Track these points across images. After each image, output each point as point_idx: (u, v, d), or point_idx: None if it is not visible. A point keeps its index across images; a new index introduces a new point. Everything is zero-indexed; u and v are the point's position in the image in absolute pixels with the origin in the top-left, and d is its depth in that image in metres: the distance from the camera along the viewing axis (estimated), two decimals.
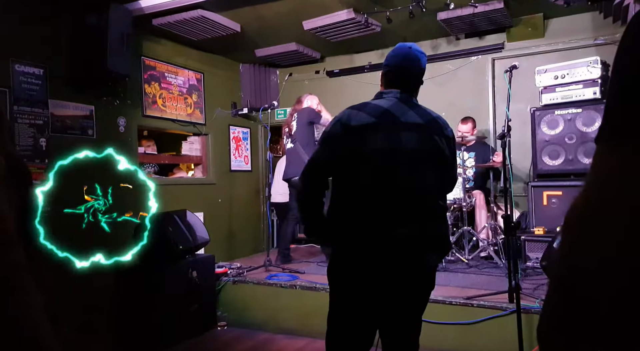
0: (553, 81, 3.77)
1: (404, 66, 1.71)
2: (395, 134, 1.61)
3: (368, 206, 1.59)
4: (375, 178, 1.59)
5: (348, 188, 1.64)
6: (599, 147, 0.55)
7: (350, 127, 1.62)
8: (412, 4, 3.59)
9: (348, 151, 1.61)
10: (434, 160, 1.66)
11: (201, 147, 4.86)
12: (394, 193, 1.59)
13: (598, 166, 0.54)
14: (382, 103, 1.67)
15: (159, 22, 3.78)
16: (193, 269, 3.52)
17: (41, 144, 3.22)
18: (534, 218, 3.73)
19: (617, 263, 0.50)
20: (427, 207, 1.63)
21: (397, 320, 1.73)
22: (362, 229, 1.59)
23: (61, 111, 3.37)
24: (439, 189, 1.71)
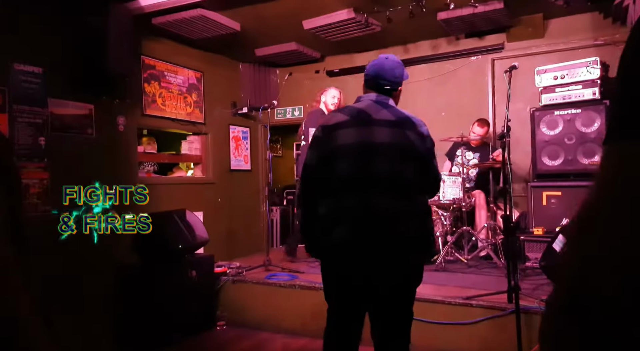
0: (553, 81, 3.78)
1: (379, 73, 1.89)
2: (368, 129, 1.76)
3: (340, 197, 1.73)
4: (350, 168, 1.73)
5: (328, 181, 1.77)
6: (606, 148, 0.55)
7: (328, 126, 1.82)
8: (412, 4, 3.59)
9: (328, 148, 1.78)
10: (407, 154, 1.76)
11: (201, 147, 4.86)
12: (368, 183, 1.71)
13: (605, 167, 0.54)
14: (358, 105, 1.87)
15: (159, 21, 3.78)
16: (192, 269, 3.52)
17: (40, 143, 3.21)
18: (533, 218, 3.73)
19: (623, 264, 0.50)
20: (403, 197, 1.73)
21: (380, 314, 1.81)
22: (341, 221, 1.71)
23: (60, 110, 3.36)
24: (417, 184, 1.79)
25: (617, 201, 0.52)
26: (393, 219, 1.70)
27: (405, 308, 1.83)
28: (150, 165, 4.98)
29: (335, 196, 1.74)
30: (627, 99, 0.54)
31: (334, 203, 1.74)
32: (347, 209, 1.70)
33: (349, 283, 1.76)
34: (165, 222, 3.39)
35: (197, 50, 4.65)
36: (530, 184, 3.79)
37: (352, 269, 1.73)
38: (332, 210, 1.74)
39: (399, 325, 1.83)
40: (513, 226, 2.54)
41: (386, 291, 1.75)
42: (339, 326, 1.84)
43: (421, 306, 2.95)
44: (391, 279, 1.75)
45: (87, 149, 3.49)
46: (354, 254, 1.70)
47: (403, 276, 1.77)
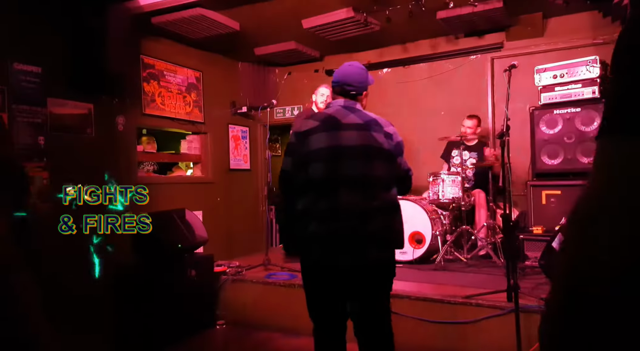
0: (552, 80, 3.78)
1: (345, 80, 2.03)
2: (337, 134, 1.90)
3: (313, 198, 1.88)
4: (322, 171, 1.88)
5: (303, 184, 1.92)
6: (599, 143, 0.55)
7: (300, 133, 1.97)
8: (411, 3, 3.58)
9: (301, 153, 1.94)
10: (375, 154, 1.90)
11: (200, 146, 4.85)
12: (338, 184, 1.86)
13: (598, 162, 0.54)
14: (328, 111, 2.01)
15: (158, 20, 3.78)
16: (192, 268, 3.52)
17: (39, 142, 3.21)
18: (532, 217, 3.73)
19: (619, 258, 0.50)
20: (369, 195, 1.86)
21: (354, 307, 1.94)
22: (313, 220, 1.87)
23: (60, 109, 3.36)
24: (385, 182, 1.92)
25: (612, 196, 0.52)
26: (360, 216, 1.83)
27: (376, 301, 1.94)
28: (150, 164, 4.98)
29: (310, 197, 1.89)
30: (620, 94, 0.54)
31: (309, 203, 1.89)
32: (320, 208, 1.85)
33: (323, 274, 1.91)
34: (165, 222, 3.39)
35: (197, 50, 4.64)
36: (529, 183, 3.79)
37: (324, 261, 1.88)
38: (307, 209, 1.89)
39: (374, 319, 1.94)
40: (512, 225, 2.54)
41: (356, 284, 1.89)
42: (320, 322, 1.98)
43: (420, 305, 2.96)
44: (359, 272, 1.87)
45: (86, 149, 3.48)
46: (325, 247, 1.85)
47: (370, 269, 1.88)
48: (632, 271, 0.48)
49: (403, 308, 2.93)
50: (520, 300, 2.55)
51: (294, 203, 1.96)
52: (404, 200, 4.01)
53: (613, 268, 0.50)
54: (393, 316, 2.07)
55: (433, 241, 3.88)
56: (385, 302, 1.97)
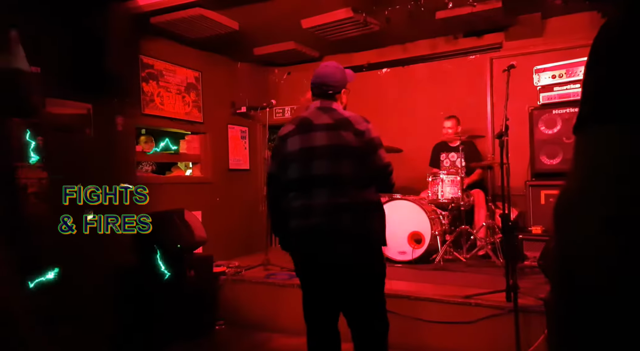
0: (551, 80, 3.78)
1: (322, 80, 2.08)
2: (309, 135, 1.99)
3: (293, 197, 2.00)
4: (296, 172, 1.98)
5: (285, 185, 2.04)
6: (580, 135, 0.56)
7: (280, 137, 2.10)
8: (410, 3, 3.58)
9: (281, 156, 2.06)
10: (343, 153, 1.94)
11: (199, 146, 4.85)
12: (311, 183, 1.95)
13: (581, 151, 0.55)
14: (304, 113, 2.10)
15: (158, 20, 3.77)
16: (191, 269, 3.52)
17: (38, 143, 3.20)
18: (532, 217, 3.74)
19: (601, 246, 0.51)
20: (339, 193, 1.92)
21: (343, 306, 2.02)
22: (292, 218, 1.99)
23: (58, 109, 3.35)
24: (358, 179, 1.95)
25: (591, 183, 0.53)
26: (329, 214, 1.90)
27: (361, 298, 1.98)
28: (149, 164, 4.98)
29: (289, 196, 2.01)
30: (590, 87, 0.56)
31: (288, 202, 2.01)
32: (296, 206, 1.97)
33: (309, 269, 2.03)
34: (164, 222, 3.39)
35: (196, 50, 4.64)
36: (528, 183, 3.79)
37: (305, 256, 2.00)
38: (287, 208, 2.02)
39: (361, 317, 1.98)
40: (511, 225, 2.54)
41: (337, 280, 1.96)
42: (311, 320, 2.07)
43: (420, 305, 2.97)
44: (337, 268, 1.93)
45: (85, 149, 3.48)
46: (303, 243, 1.97)
47: (347, 266, 1.93)
48: (617, 259, 0.49)
49: (402, 308, 2.93)
50: (519, 299, 2.55)
51: (279, 204, 2.09)
52: (403, 200, 4.01)
53: (598, 258, 0.51)
54: (392, 316, 2.08)
55: (432, 241, 3.88)
56: (373, 300, 1.99)
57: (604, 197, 0.51)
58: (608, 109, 0.52)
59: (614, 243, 0.50)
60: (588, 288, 0.52)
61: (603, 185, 0.51)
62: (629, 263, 0.48)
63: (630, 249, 0.48)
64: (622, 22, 0.54)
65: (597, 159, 0.53)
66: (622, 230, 0.49)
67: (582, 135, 0.56)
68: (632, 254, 0.48)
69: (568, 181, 0.56)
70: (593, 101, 0.56)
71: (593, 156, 0.54)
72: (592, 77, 0.56)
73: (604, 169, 0.51)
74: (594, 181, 0.52)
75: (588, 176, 0.54)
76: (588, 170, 0.54)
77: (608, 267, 0.50)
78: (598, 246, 0.51)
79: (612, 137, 0.51)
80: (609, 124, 0.52)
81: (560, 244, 0.57)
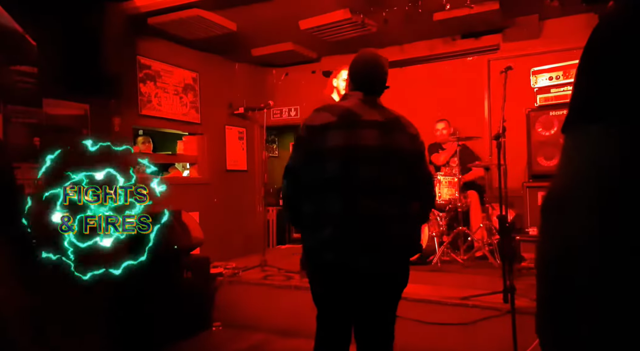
0: (548, 81, 3.79)
1: (367, 70, 1.83)
2: (356, 131, 1.70)
3: (329, 200, 1.69)
4: (337, 171, 1.68)
5: (315, 183, 1.72)
6: (569, 134, 0.56)
7: (313, 127, 1.74)
8: (408, 5, 3.59)
9: (314, 150, 1.71)
10: (395, 156, 1.73)
11: (197, 147, 4.84)
12: (356, 186, 1.68)
13: (569, 150, 0.56)
14: (344, 103, 1.80)
15: (155, 21, 3.77)
16: (188, 270, 3.51)
17: (35, 143, 3.19)
18: (529, 218, 3.74)
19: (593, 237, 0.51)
20: (389, 201, 1.70)
21: (365, 315, 1.82)
22: (329, 224, 1.68)
23: (55, 110, 3.35)
24: (407, 186, 1.75)
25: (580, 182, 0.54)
26: (378, 222, 1.68)
27: (388, 309, 1.85)
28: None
29: (322, 199, 1.70)
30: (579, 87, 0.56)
31: (321, 205, 1.70)
32: (335, 212, 1.67)
33: (337, 279, 1.73)
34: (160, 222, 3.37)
35: (193, 50, 4.63)
36: (525, 184, 3.80)
37: (341, 266, 1.71)
38: (320, 212, 1.70)
39: (381, 326, 1.84)
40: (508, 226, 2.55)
41: (372, 290, 1.76)
42: (328, 332, 1.83)
43: (417, 306, 2.96)
44: (376, 279, 1.75)
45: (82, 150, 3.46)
46: (342, 252, 1.68)
47: (386, 276, 1.77)
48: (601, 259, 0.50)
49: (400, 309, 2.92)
50: (516, 301, 2.55)
51: (300, 203, 1.77)
52: None
53: (583, 258, 0.51)
54: None
55: (430, 243, 3.88)
56: (394, 313, 1.89)
57: (590, 198, 0.51)
58: (595, 109, 0.53)
59: (599, 243, 0.50)
60: (574, 289, 0.52)
61: (589, 185, 0.52)
62: (613, 263, 0.49)
63: (615, 249, 0.48)
64: (613, 23, 0.55)
65: (583, 160, 0.53)
66: (606, 230, 0.49)
67: (569, 134, 0.57)
68: (617, 255, 0.48)
69: (555, 180, 0.57)
70: (581, 101, 0.56)
71: (580, 156, 0.54)
72: (582, 78, 0.57)
73: (591, 169, 0.52)
74: (580, 181, 0.53)
75: (574, 176, 0.54)
76: (574, 170, 0.54)
77: (593, 267, 0.50)
78: (583, 246, 0.51)
79: (599, 137, 0.52)
80: (596, 124, 0.52)
81: (545, 244, 0.57)
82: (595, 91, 0.53)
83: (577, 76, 0.57)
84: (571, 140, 0.56)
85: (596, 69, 0.54)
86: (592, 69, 0.55)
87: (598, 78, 0.53)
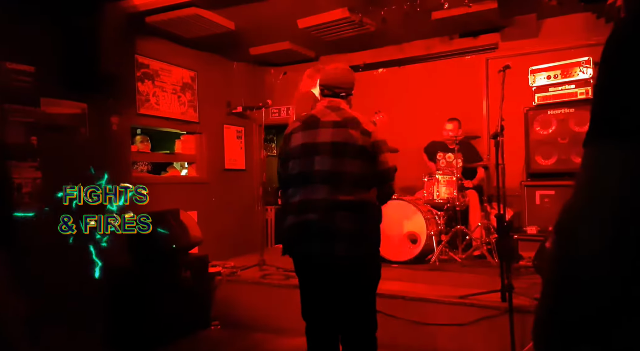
0: (546, 80, 3.80)
1: (332, 82, 2.10)
2: (314, 131, 1.97)
3: (291, 193, 1.98)
4: (297, 167, 1.97)
5: (286, 180, 2.04)
6: (585, 150, 0.55)
7: (286, 135, 2.10)
8: (406, 4, 3.59)
9: (285, 153, 2.06)
10: (348, 150, 1.92)
11: (195, 146, 4.83)
12: (311, 179, 1.92)
13: (587, 166, 0.54)
14: (312, 111, 2.09)
15: (153, 19, 3.76)
16: (186, 269, 3.51)
17: (32, 142, 3.18)
18: (527, 217, 3.75)
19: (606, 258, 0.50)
20: (342, 192, 1.89)
21: (336, 304, 1.98)
22: (289, 214, 1.97)
23: (53, 109, 3.33)
24: (360, 178, 1.92)
25: (596, 202, 0.52)
26: (328, 210, 1.87)
27: (353, 298, 1.96)
28: (144, 164, 4.96)
29: (289, 192, 2.00)
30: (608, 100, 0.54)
31: (287, 198, 2.00)
32: (294, 202, 1.94)
33: (303, 266, 2.02)
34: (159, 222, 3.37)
35: (191, 49, 4.62)
36: (524, 183, 3.81)
37: (298, 251, 1.98)
38: (285, 204, 2.01)
39: (352, 316, 1.97)
40: (506, 225, 2.55)
41: (330, 277, 1.94)
42: (309, 318, 2.07)
43: (415, 305, 2.97)
44: (331, 266, 1.92)
45: (80, 148, 3.46)
46: (296, 237, 1.94)
47: (341, 264, 1.91)
48: (616, 271, 0.49)
49: (397, 308, 2.93)
50: (514, 299, 2.56)
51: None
52: (399, 200, 4.02)
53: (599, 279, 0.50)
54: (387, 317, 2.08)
55: (428, 241, 3.88)
56: (363, 302, 1.97)
57: (609, 216, 0.50)
58: (617, 126, 0.51)
59: (616, 264, 0.49)
60: (587, 305, 0.51)
61: (607, 204, 0.50)
62: (630, 286, 0.48)
63: (626, 273, 0.48)
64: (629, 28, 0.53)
65: (603, 177, 0.52)
66: (624, 251, 0.48)
67: (590, 150, 0.55)
68: (628, 279, 0.47)
69: (573, 195, 0.55)
70: (602, 116, 0.55)
71: (599, 174, 0.53)
72: (601, 89, 0.55)
73: (609, 188, 0.51)
74: (598, 200, 0.52)
75: (593, 194, 0.53)
76: (593, 188, 0.53)
77: (609, 288, 0.49)
78: (599, 267, 0.50)
79: (620, 155, 0.50)
80: (618, 141, 0.51)
81: (560, 260, 0.56)
82: (615, 105, 0.52)
83: (596, 85, 0.55)
84: (591, 155, 0.55)
85: (614, 80, 0.52)
86: (609, 80, 0.53)
87: (617, 91, 0.52)
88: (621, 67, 0.52)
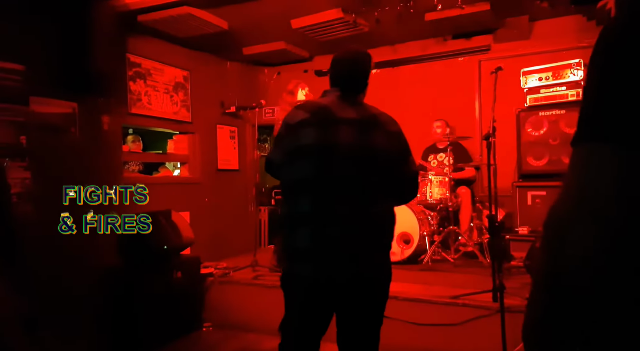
0: (538, 82, 3.83)
1: (346, 67, 1.79)
2: (330, 130, 1.63)
3: (303, 200, 1.62)
4: (310, 170, 1.61)
5: (291, 183, 1.68)
6: (573, 151, 0.55)
7: (290, 125, 1.68)
8: (400, 5, 3.60)
9: (290, 149, 1.66)
10: (374, 156, 1.65)
11: (188, 146, 4.81)
12: (329, 185, 1.61)
13: (575, 166, 0.55)
14: (321, 100, 1.73)
15: (145, 18, 3.73)
16: (178, 270, 3.48)
17: (21, 142, 3.14)
18: (518, 218, 3.78)
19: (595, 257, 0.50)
20: (366, 202, 1.62)
21: (351, 324, 1.73)
22: (299, 223, 1.63)
23: (43, 108, 3.29)
24: (385, 186, 1.67)
25: (583, 203, 0.53)
26: (353, 224, 1.60)
27: (379, 309, 1.75)
28: (136, 164, 4.92)
29: (296, 199, 1.65)
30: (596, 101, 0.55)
31: (294, 206, 1.65)
32: (308, 211, 1.61)
33: (312, 287, 1.64)
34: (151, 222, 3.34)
35: (184, 49, 4.60)
36: (515, 184, 3.83)
37: (315, 275, 1.62)
38: (292, 214, 1.66)
39: (368, 329, 1.74)
40: (498, 225, 2.57)
41: (358, 293, 1.66)
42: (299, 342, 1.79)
43: (407, 305, 2.97)
44: (360, 281, 1.65)
45: (70, 148, 3.42)
46: (318, 265, 1.61)
47: (372, 276, 1.68)
48: (603, 272, 0.49)
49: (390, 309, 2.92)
50: (505, 299, 2.57)
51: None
52: None
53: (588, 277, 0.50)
54: None
55: (421, 242, 3.90)
56: (379, 320, 1.78)
57: (596, 218, 0.50)
58: (604, 128, 0.52)
59: (596, 263, 0.49)
60: (577, 306, 0.51)
61: (595, 205, 0.51)
62: (618, 283, 0.48)
63: (621, 270, 0.48)
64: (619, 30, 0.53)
65: (591, 179, 0.52)
66: (613, 250, 0.48)
67: (578, 150, 0.56)
68: (623, 275, 0.48)
69: (561, 196, 0.56)
70: (590, 117, 0.55)
71: (587, 175, 0.53)
72: (589, 91, 0.56)
73: (597, 189, 0.51)
74: (586, 201, 0.52)
75: (581, 195, 0.53)
76: (581, 188, 0.53)
77: (598, 286, 0.50)
78: (587, 265, 0.50)
79: (607, 157, 0.51)
80: (605, 143, 0.51)
81: (549, 261, 0.56)
82: (603, 108, 0.52)
83: (585, 87, 0.56)
84: (579, 156, 0.55)
85: (602, 82, 0.53)
86: (598, 82, 0.53)
87: (604, 93, 0.52)
88: (609, 69, 0.53)
